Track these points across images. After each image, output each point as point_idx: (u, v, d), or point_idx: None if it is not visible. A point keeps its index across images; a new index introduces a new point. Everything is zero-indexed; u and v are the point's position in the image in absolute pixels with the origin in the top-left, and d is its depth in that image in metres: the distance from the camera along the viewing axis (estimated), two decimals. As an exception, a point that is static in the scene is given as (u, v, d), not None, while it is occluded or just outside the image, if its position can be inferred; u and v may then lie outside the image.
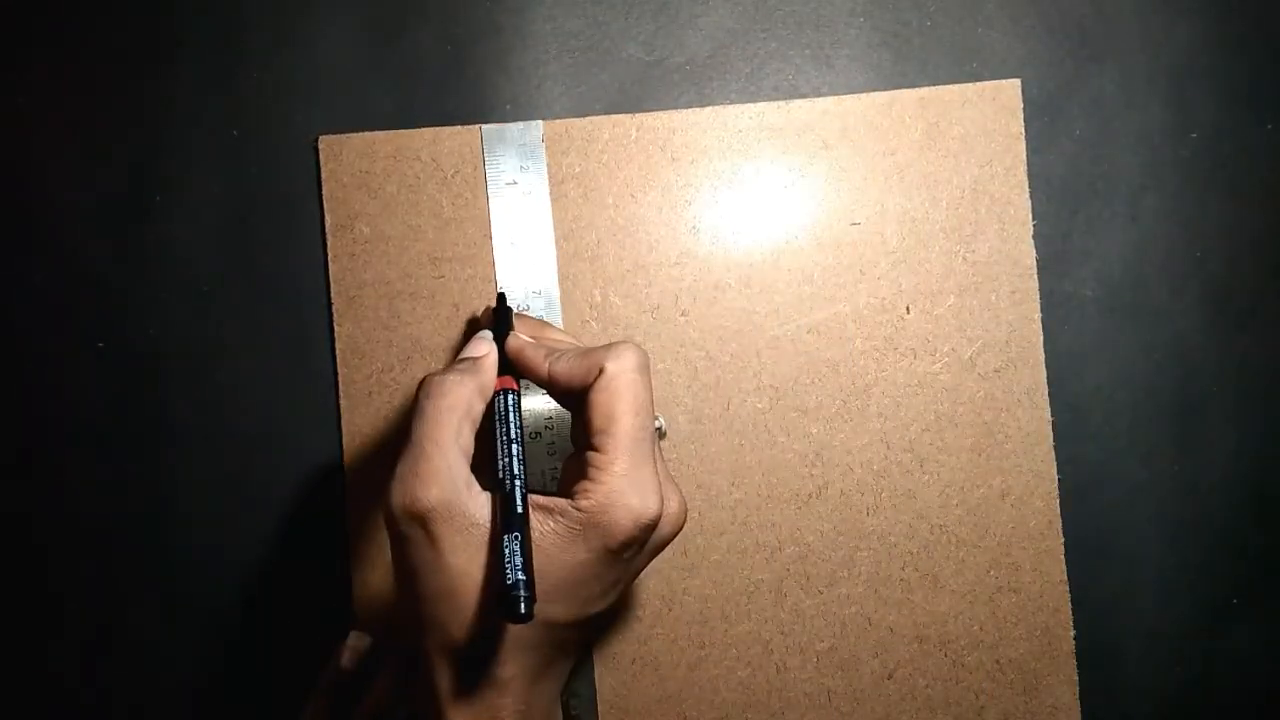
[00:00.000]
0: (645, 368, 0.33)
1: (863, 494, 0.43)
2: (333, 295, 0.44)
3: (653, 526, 0.31)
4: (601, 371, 0.32)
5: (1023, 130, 0.44)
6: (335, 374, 0.44)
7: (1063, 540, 0.43)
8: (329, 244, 0.44)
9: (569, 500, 0.31)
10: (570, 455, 0.34)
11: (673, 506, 0.33)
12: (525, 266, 0.43)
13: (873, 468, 0.43)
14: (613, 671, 0.43)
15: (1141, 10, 0.44)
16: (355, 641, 0.41)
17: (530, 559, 0.30)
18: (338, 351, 0.43)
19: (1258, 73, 0.44)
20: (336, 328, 0.44)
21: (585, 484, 0.31)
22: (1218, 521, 0.44)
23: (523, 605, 0.28)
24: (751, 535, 0.43)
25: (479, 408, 0.33)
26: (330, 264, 0.44)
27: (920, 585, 0.43)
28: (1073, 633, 0.43)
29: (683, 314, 0.43)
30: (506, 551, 0.29)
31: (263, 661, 0.44)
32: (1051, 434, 0.43)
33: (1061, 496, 0.43)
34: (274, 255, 0.44)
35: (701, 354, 0.43)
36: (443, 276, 0.43)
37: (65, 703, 0.44)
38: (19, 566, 0.44)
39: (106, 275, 0.44)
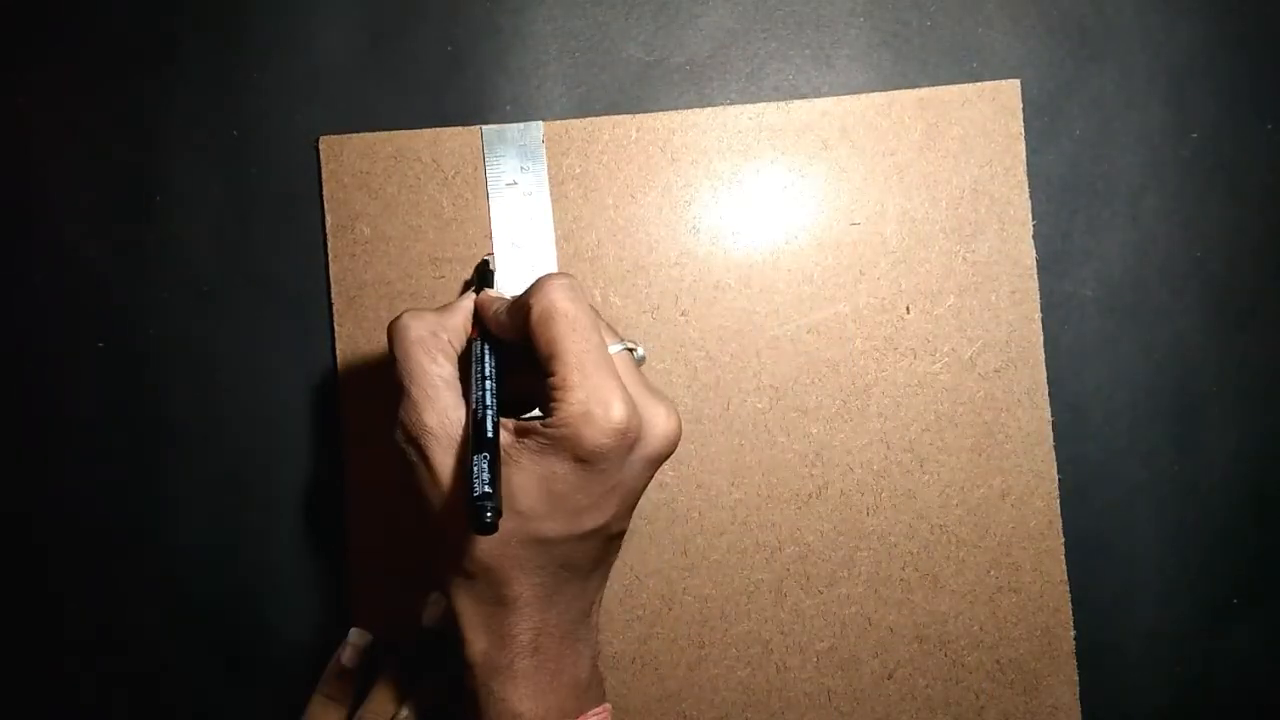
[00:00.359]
0: (570, 292, 0.33)
1: (863, 494, 0.43)
2: (333, 295, 0.44)
3: (623, 432, 0.32)
4: (529, 309, 0.33)
5: (1023, 130, 0.44)
6: (335, 374, 0.44)
7: (1063, 540, 0.43)
8: (329, 244, 0.44)
9: (540, 421, 0.33)
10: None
11: (658, 421, 0.33)
12: (525, 267, 0.43)
13: (873, 468, 0.43)
14: (613, 671, 0.43)
15: (1141, 10, 0.44)
16: (356, 639, 0.41)
17: (498, 477, 0.31)
18: (338, 351, 0.43)
19: (1258, 73, 0.44)
20: (336, 328, 0.44)
21: (550, 406, 0.32)
22: (1218, 521, 0.44)
23: (488, 515, 0.29)
24: (751, 535, 0.43)
25: (445, 337, 0.35)
26: (330, 264, 0.44)
27: (920, 585, 0.43)
28: (1073, 633, 0.43)
29: (683, 314, 0.43)
30: (475, 469, 0.31)
31: (263, 661, 0.44)
32: (1051, 434, 0.43)
33: (1061, 496, 0.43)
34: (274, 255, 0.44)
35: (701, 354, 0.43)
36: (443, 277, 0.43)
37: (65, 703, 0.44)
38: (19, 566, 0.44)
39: (106, 275, 0.44)
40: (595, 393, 0.32)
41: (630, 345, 0.36)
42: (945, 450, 0.43)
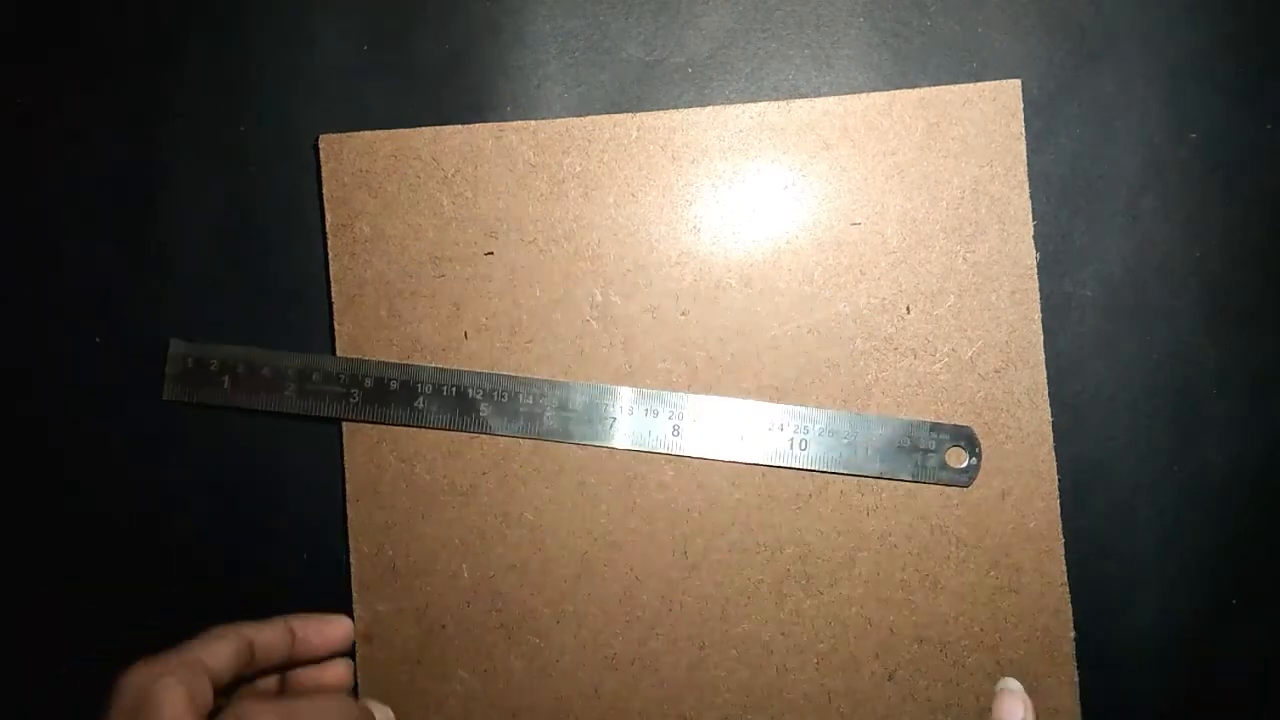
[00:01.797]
0: None
1: (863, 494, 0.43)
2: (333, 295, 0.44)
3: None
4: None
5: (1023, 130, 0.44)
6: (335, 374, 0.44)
7: (1063, 540, 0.43)
8: (329, 243, 0.44)
9: None
10: None
11: None
12: (525, 266, 0.43)
13: (873, 468, 0.43)
14: (612, 673, 0.43)
15: (1141, 10, 0.44)
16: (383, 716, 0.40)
17: None
18: (338, 351, 0.43)
19: (1258, 73, 0.44)
20: (336, 328, 0.44)
21: None
22: (1218, 521, 0.44)
23: None
24: (751, 535, 0.43)
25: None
26: (330, 264, 0.44)
27: (920, 586, 0.43)
28: (1073, 633, 0.43)
29: (683, 314, 0.43)
30: None
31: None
32: (1051, 434, 0.43)
33: (1061, 496, 0.43)
34: (274, 255, 0.44)
35: (702, 354, 0.43)
36: (443, 276, 0.43)
37: (65, 703, 0.44)
38: (20, 566, 0.44)
39: (107, 275, 0.44)
40: None
41: None
42: (945, 450, 0.43)
